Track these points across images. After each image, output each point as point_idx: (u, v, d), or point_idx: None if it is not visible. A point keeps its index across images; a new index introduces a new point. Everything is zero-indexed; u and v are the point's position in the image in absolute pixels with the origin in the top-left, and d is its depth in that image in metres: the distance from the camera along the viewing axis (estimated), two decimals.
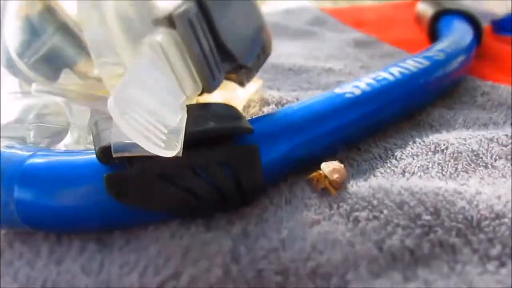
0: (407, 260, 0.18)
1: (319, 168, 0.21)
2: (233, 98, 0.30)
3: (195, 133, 0.18)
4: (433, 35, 0.44)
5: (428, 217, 0.19)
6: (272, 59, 0.26)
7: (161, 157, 0.16)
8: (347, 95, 0.25)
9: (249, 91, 0.31)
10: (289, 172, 0.23)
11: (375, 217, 0.19)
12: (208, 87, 0.20)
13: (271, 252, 0.18)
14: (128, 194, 0.18)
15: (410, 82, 0.28)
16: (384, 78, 0.27)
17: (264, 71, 0.39)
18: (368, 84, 0.26)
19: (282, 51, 0.46)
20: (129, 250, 0.18)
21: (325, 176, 0.21)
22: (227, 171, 0.19)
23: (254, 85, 0.32)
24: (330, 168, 0.21)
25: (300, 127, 0.22)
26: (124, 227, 0.19)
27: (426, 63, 0.30)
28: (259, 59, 0.25)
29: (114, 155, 0.17)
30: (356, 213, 0.20)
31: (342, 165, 0.22)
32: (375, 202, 0.20)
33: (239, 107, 0.30)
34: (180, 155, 0.16)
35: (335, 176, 0.21)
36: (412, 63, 0.29)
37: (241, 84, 0.27)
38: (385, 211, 0.19)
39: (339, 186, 0.21)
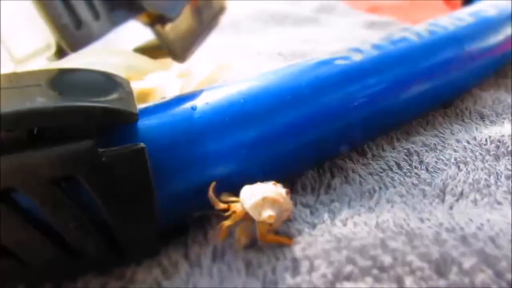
0: None
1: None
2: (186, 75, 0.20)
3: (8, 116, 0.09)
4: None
5: None
6: (256, 43, 0.21)
7: None
8: (338, 62, 0.15)
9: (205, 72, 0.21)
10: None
11: None
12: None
13: None
14: None
15: (446, 45, 0.18)
16: (404, 39, 0.17)
17: (243, 56, 0.29)
18: (375, 47, 0.16)
19: (273, 38, 0.36)
20: None
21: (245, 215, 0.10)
22: (76, 197, 0.09)
23: (211, 64, 0.22)
24: (256, 198, 0.10)
25: (246, 119, 0.12)
26: None
27: (470, 19, 0.19)
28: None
29: None
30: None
31: (283, 191, 0.11)
32: (386, 261, 0.09)
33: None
34: None
35: (265, 214, 0.10)
36: (448, 21, 0.19)
37: (175, 56, 0.17)
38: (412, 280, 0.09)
39: (274, 236, 0.11)
